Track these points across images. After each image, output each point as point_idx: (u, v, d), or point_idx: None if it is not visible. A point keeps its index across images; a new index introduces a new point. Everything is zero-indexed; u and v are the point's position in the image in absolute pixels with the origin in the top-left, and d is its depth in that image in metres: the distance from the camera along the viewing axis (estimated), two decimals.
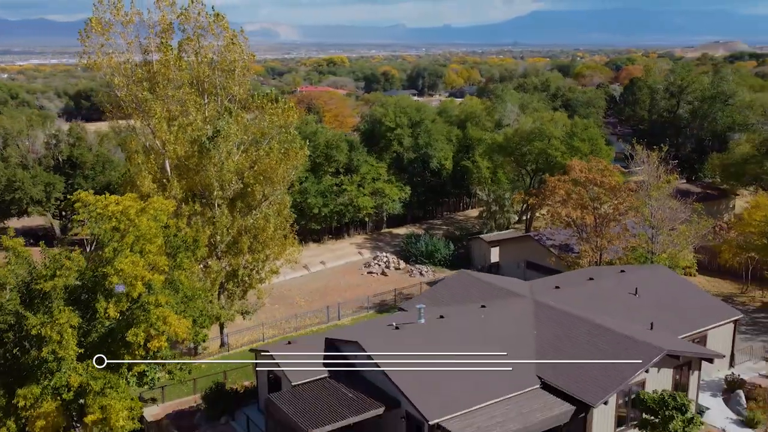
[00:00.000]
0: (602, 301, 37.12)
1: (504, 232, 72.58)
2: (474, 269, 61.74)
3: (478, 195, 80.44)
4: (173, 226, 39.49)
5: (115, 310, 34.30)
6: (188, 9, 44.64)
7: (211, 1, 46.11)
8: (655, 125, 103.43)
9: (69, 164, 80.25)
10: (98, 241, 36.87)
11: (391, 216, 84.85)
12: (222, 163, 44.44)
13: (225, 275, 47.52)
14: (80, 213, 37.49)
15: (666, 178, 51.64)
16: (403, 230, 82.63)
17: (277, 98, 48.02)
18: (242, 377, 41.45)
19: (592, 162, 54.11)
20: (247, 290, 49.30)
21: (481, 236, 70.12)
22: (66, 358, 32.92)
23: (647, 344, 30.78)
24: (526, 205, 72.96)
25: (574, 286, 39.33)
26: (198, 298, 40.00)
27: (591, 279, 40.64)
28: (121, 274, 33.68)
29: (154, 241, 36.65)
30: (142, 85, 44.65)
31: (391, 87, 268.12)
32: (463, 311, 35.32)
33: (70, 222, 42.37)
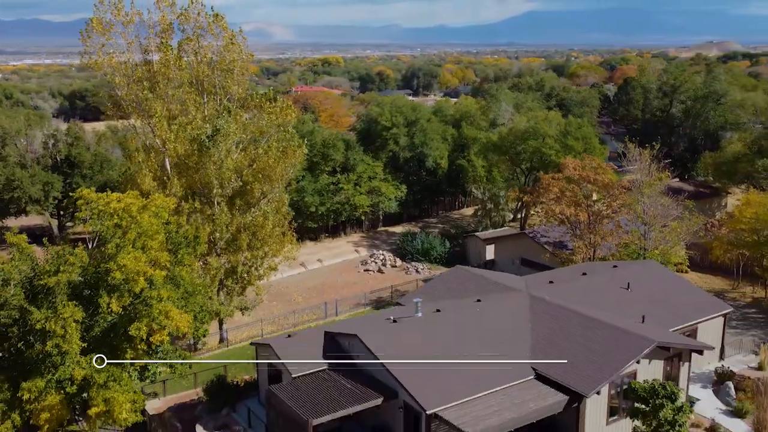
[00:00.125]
0: (595, 296, 37.91)
1: (499, 229, 73.43)
2: (470, 266, 62.47)
3: (473, 193, 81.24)
4: (174, 223, 40.18)
5: (117, 305, 35.00)
6: (188, 9, 45.35)
7: (206, 2, 46.85)
8: (649, 124, 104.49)
9: (67, 163, 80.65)
10: (100, 237, 37.53)
11: (387, 214, 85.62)
12: (221, 162, 45.11)
13: (224, 272, 48.18)
14: (82, 210, 38.10)
15: (658, 175, 52.55)
16: (399, 229, 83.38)
17: (275, 97, 48.78)
18: (242, 371, 42.15)
19: (586, 160, 54.97)
20: (245, 287, 49.96)
21: (477, 234, 70.94)
22: (70, 352, 33.55)
23: (639, 336, 31.60)
24: (521, 203, 73.76)
25: (568, 281, 40.13)
26: (198, 294, 40.71)
27: (584, 274, 41.46)
28: (123, 269, 34.33)
29: (155, 237, 37.31)
30: (142, 84, 45.29)
31: (386, 87, 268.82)
32: (460, 305, 36.09)
33: (73, 219, 43.06)
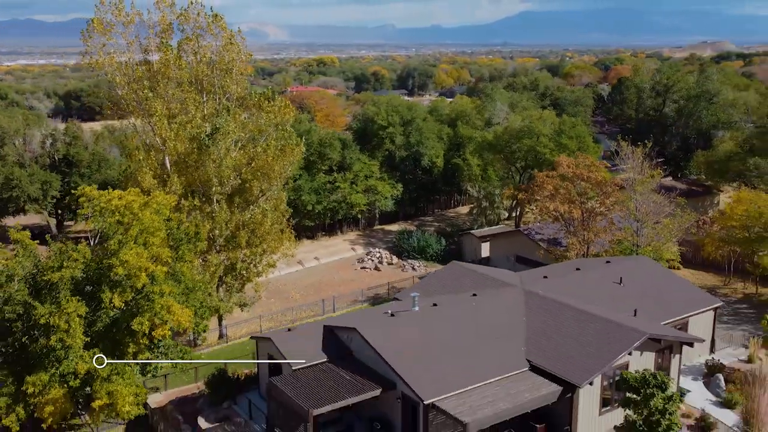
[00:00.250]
0: (588, 290, 38.64)
1: (494, 227, 74.23)
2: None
3: (468, 192, 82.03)
4: (175, 220, 40.84)
5: (119, 300, 35.66)
6: (188, 10, 46.02)
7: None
8: (642, 124, 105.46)
9: (65, 163, 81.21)
10: (102, 234, 38.17)
11: (383, 213, 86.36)
12: (221, 160, 45.77)
13: (223, 269, 48.82)
14: (84, 207, 38.72)
15: (650, 173, 53.40)
16: (395, 227, 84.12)
17: (274, 96, 49.49)
18: (242, 366, 42.76)
19: (580, 158, 55.76)
20: (244, 283, 50.64)
21: (472, 232, 71.74)
22: (73, 347, 34.18)
23: (630, 329, 32.38)
24: (516, 202, 74.55)
25: (562, 277, 40.87)
26: (198, 290, 41.39)
27: (578, 269, 42.21)
28: (125, 265, 34.96)
29: (157, 234, 37.96)
30: (142, 83, 45.91)
31: (381, 87, 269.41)
32: (456, 300, 36.82)
33: (72, 218, 43.41)
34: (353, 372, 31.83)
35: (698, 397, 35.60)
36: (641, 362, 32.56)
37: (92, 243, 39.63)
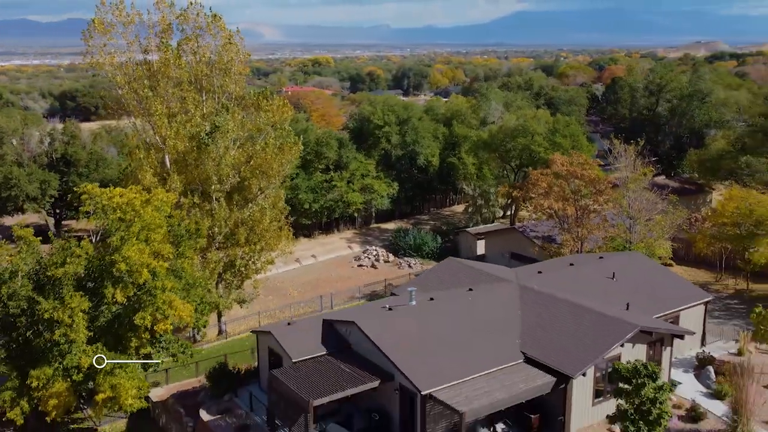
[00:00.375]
0: (582, 285, 39.41)
1: (489, 225, 75.05)
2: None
3: (464, 191, 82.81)
4: (177, 216, 41.51)
5: (122, 296, 36.32)
6: (187, 10, 46.66)
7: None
8: (636, 123, 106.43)
9: (63, 162, 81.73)
10: (105, 231, 38.81)
11: (379, 211, 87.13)
12: (220, 158, 46.44)
13: (223, 266, 49.50)
14: (86, 204, 39.35)
15: (642, 170, 54.26)
16: (391, 225, 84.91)
17: (272, 95, 50.20)
18: (242, 361, 43.46)
19: (573, 156, 56.59)
20: (243, 280, 51.31)
21: (468, 229, 72.54)
22: (77, 341, 34.83)
23: (623, 321, 33.17)
24: (511, 200, 75.37)
25: (556, 272, 41.63)
26: (198, 286, 42.09)
27: (572, 265, 43.01)
28: (128, 261, 35.62)
29: (158, 230, 38.63)
30: (142, 83, 46.54)
31: (376, 87, 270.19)
32: (452, 294, 37.55)
33: (76, 215, 43.85)
34: (352, 364, 32.53)
35: (689, 389, 36.39)
36: (633, 354, 33.31)
37: (93, 240, 40.30)
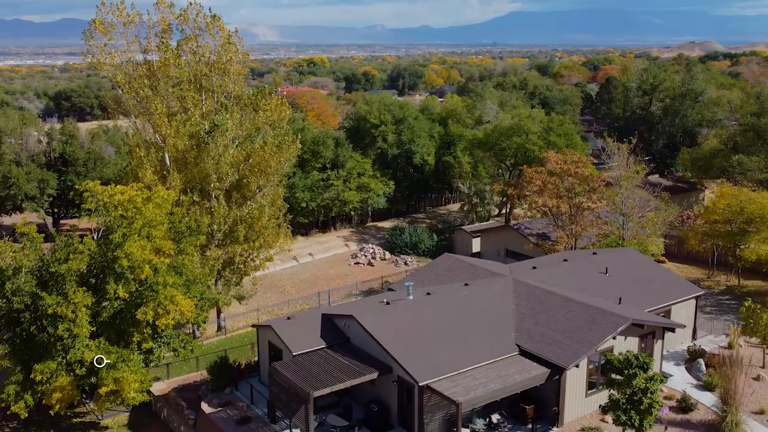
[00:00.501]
0: (575, 280, 40.27)
1: (485, 223, 75.87)
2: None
3: (459, 189, 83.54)
4: (177, 213, 42.18)
5: (124, 291, 37.02)
6: (187, 11, 47.26)
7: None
8: (629, 122, 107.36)
9: (61, 161, 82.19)
10: (107, 227, 39.48)
11: (375, 210, 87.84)
12: (219, 156, 47.06)
13: (222, 263, 50.11)
14: (88, 202, 40.01)
15: (635, 168, 55.12)
16: (387, 224, 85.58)
17: (270, 94, 50.90)
18: (241, 356, 44.12)
19: (567, 154, 57.39)
20: (242, 277, 51.93)
21: (463, 227, 73.32)
22: (80, 335, 35.52)
23: (615, 314, 34.01)
24: (506, 198, 76.14)
25: (550, 267, 42.46)
26: (199, 282, 42.80)
27: (565, 261, 43.84)
28: (130, 257, 36.31)
29: (159, 227, 39.33)
30: (143, 82, 47.16)
31: (371, 87, 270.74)
32: (448, 289, 38.33)
33: (78, 212, 44.08)
34: (351, 357, 33.28)
35: (680, 381, 37.24)
36: (625, 347, 34.15)
37: (95, 237, 40.94)
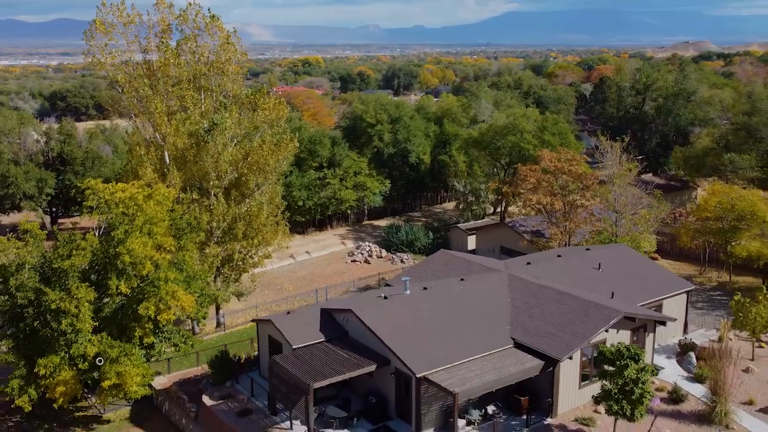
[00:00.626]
0: (569, 275, 41.05)
1: (480, 221, 76.69)
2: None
3: (455, 188, 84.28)
4: (178, 210, 42.84)
5: (126, 287, 37.69)
6: (186, 11, 47.93)
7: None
8: (623, 121, 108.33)
9: (59, 161, 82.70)
10: (108, 224, 40.13)
11: (372, 209, 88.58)
12: (218, 155, 47.76)
13: (221, 260, 50.77)
14: (89, 199, 40.66)
15: (627, 166, 55.99)
16: (383, 222, 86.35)
17: (269, 93, 51.61)
18: (240, 351, 44.80)
19: (561, 153, 58.21)
20: (241, 274, 52.62)
21: (459, 225, 74.14)
22: (83, 330, 36.19)
23: (607, 308, 34.80)
24: (501, 196, 76.91)
25: (544, 263, 43.24)
26: (199, 279, 43.48)
27: (559, 257, 44.63)
28: (132, 253, 36.97)
29: (160, 224, 40.00)
30: (143, 81, 47.81)
31: (366, 87, 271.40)
32: (445, 284, 39.07)
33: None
34: (350, 350, 33.99)
35: (671, 373, 38.05)
36: (617, 340, 34.83)
37: (97, 234, 41.56)
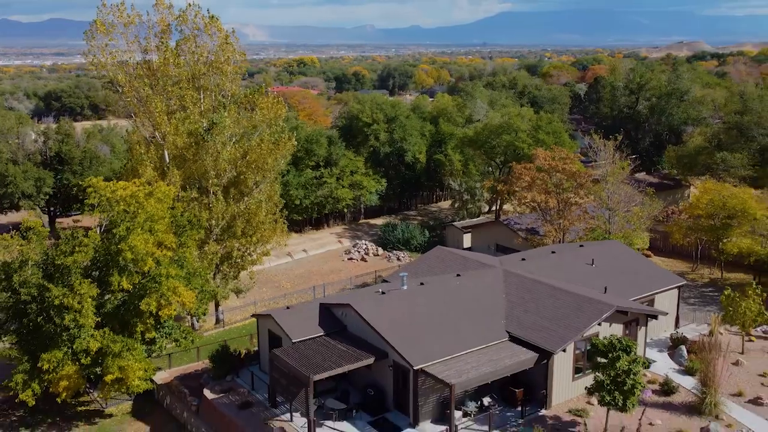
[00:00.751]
0: (563, 271, 41.86)
1: (475, 219, 77.50)
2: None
3: (450, 186, 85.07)
4: (179, 207, 43.50)
5: (127, 283, 38.36)
6: (186, 12, 48.57)
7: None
8: (617, 121, 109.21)
9: (57, 160, 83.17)
10: (110, 222, 40.78)
11: (368, 207, 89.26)
12: (217, 153, 48.36)
13: (220, 257, 51.40)
14: (91, 197, 41.29)
15: (620, 164, 56.84)
16: (379, 221, 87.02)
17: (267, 92, 52.26)
18: (240, 346, 45.45)
19: (555, 151, 59.02)
20: (240, 271, 53.24)
21: (454, 223, 74.92)
22: (85, 325, 36.86)
23: (600, 302, 35.62)
24: (495, 194, 77.72)
25: (539, 259, 44.05)
26: (198, 276, 44.13)
27: (553, 253, 45.46)
28: (134, 250, 37.64)
29: (161, 221, 40.67)
30: (143, 81, 48.43)
31: (362, 87, 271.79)
32: (441, 279, 39.83)
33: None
34: (348, 344, 34.73)
35: (663, 366, 38.89)
36: (610, 333, 35.69)
37: (99, 231, 42.20)
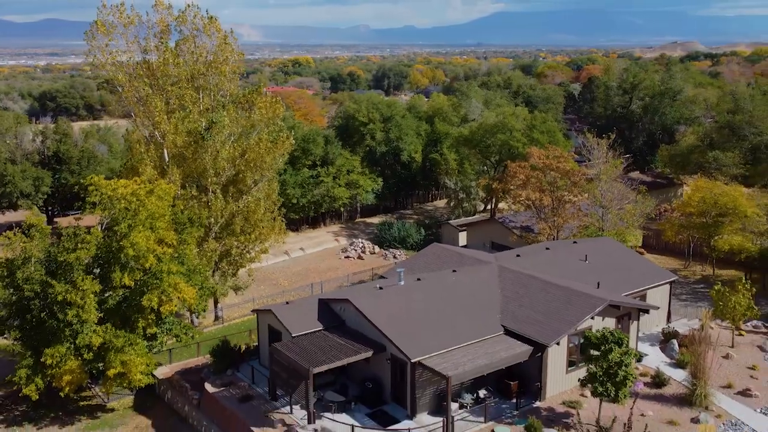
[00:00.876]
0: (557, 266, 42.65)
1: (471, 217, 78.28)
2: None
3: (446, 185, 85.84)
4: (179, 205, 44.16)
5: (129, 280, 39.01)
6: (185, 12, 49.24)
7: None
8: (610, 120, 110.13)
9: (55, 160, 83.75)
10: (112, 219, 41.40)
11: (364, 206, 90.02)
12: (216, 152, 49.09)
13: (219, 255, 52.07)
14: (92, 195, 41.91)
15: (613, 162, 57.69)
16: (376, 220, 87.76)
17: (265, 92, 52.97)
18: (240, 342, 46.11)
19: (550, 150, 59.83)
20: (238, 268, 53.93)
21: (450, 222, 75.70)
22: (88, 321, 37.51)
23: (593, 296, 36.43)
24: (491, 193, 78.50)
25: (533, 255, 44.87)
26: (198, 273, 44.82)
27: (547, 249, 46.26)
28: (135, 247, 38.30)
29: (162, 219, 41.34)
30: (143, 81, 49.09)
31: (357, 87, 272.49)
32: (438, 275, 40.59)
33: (83, 205, 45.12)
34: (347, 338, 35.48)
35: (655, 360, 39.73)
36: (603, 327, 36.49)
37: (100, 229, 42.81)
